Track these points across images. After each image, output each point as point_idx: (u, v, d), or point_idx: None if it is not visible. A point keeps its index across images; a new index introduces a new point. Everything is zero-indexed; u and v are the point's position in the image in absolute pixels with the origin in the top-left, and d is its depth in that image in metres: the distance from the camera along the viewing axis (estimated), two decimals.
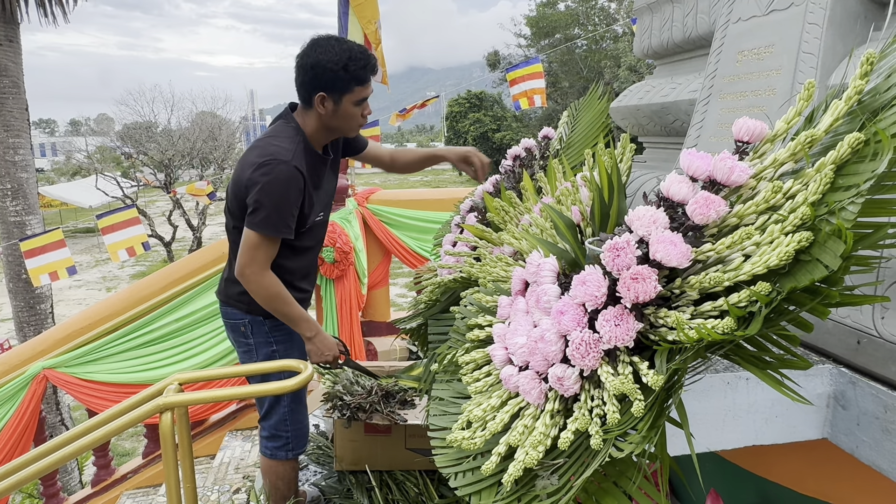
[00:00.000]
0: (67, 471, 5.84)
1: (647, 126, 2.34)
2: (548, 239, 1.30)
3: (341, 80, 1.79)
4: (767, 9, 1.61)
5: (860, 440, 1.13)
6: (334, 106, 1.84)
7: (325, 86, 1.80)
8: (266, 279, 1.87)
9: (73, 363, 3.39)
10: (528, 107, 7.23)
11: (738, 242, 0.86)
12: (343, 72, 1.78)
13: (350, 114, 1.87)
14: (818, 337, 1.27)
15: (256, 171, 1.80)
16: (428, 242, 4.20)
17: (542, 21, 26.44)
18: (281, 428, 2.11)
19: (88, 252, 19.16)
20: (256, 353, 2.06)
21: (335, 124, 1.89)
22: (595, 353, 0.92)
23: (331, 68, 1.77)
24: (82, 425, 1.76)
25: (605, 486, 0.90)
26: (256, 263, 1.85)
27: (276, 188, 1.79)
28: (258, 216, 1.80)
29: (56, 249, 5.22)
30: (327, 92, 1.81)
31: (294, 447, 2.13)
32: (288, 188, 1.80)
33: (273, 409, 2.10)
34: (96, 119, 34.76)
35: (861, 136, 0.82)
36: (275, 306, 1.91)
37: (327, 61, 1.77)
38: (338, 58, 1.77)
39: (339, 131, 1.95)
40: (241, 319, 2.03)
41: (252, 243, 1.84)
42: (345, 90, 1.82)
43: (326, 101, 1.82)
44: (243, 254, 1.85)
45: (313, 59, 1.79)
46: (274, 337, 2.05)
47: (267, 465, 2.19)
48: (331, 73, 1.78)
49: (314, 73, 1.79)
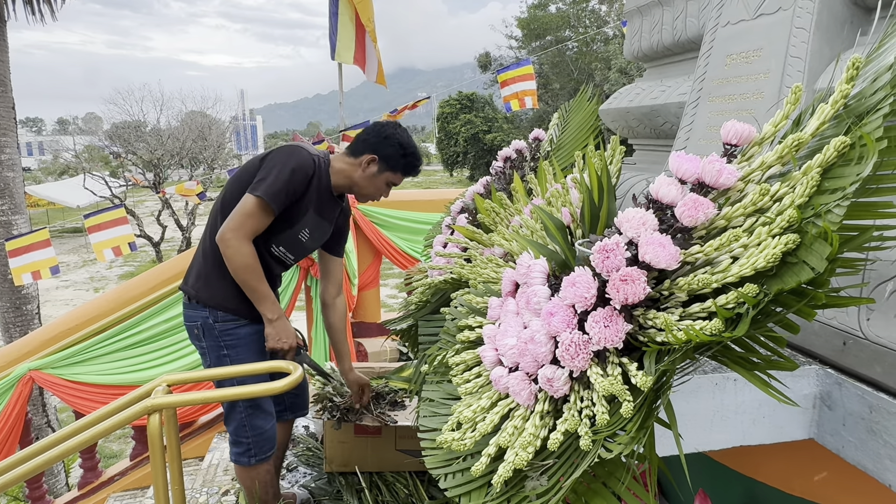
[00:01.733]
0: (54, 473, 5.78)
1: (637, 128, 2.36)
2: (538, 240, 1.31)
3: (397, 160, 2.07)
4: (756, 13, 1.62)
5: (846, 440, 1.14)
6: (375, 172, 2.06)
7: (382, 154, 2.05)
8: (245, 246, 1.92)
9: (59, 364, 3.36)
10: (518, 108, 7.24)
11: (726, 244, 0.87)
12: (402, 157, 2.07)
13: (377, 186, 2.11)
14: (805, 338, 1.28)
15: (278, 149, 1.98)
16: (419, 243, 4.20)
17: (534, 23, 26.51)
18: (241, 434, 2.09)
19: (76, 252, 18.98)
20: (209, 356, 2.07)
21: (360, 183, 2.09)
22: (584, 354, 0.92)
23: (397, 147, 2.06)
24: (69, 427, 1.74)
25: (594, 486, 0.91)
26: (243, 230, 1.91)
27: (286, 161, 1.94)
28: (262, 182, 1.90)
29: (41, 249, 5.17)
30: (380, 159, 2.05)
31: (256, 453, 2.10)
32: (296, 168, 1.94)
33: (230, 415, 2.09)
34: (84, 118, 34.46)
35: (847, 139, 0.82)
36: (245, 277, 1.94)
37: (399, 141, 2.06)
38: (409, 147, 2.09)
39: (356, 189, 2.12)
40: (194, 322, 2.05)
41: (247, 209, 1.90)
42: (391, 168, 2.08)
43: (373, 164, 2.05)
44: (234, 217, 1.91)
45: (392, 132, 2.07)
46: (224, 341, 2.05)
47: (238, 471, 2.18)
48: (395, 149, 2.05)
49: (384, 141, 2.05)
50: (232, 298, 2.03)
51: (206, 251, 2.06)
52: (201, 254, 2.08)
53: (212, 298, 2.02)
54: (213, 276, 2.02)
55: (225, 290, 2.02)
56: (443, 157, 34.79)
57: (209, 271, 2.03)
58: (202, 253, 2.08)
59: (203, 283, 2.03)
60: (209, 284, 2.03)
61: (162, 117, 21.37)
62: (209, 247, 2.03)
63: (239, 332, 2.06)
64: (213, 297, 2.02)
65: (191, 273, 2.09)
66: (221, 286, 2.02)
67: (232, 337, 2.06)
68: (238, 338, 2.06)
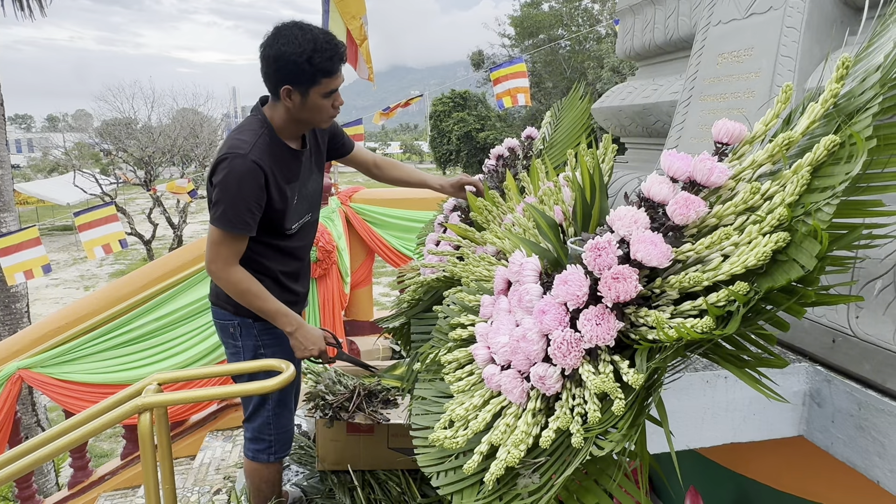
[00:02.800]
0: (43, 473, 5.74)
1: (630, 127, 2.36)
2: (530, 238, 1.31)
3: (306, 72, 1.69)
4: (747, 12, 1.63)
5: (835, 437, 1.15)
6: (301, 99, 1.75)
7: (290, 79, 1.71)
8: (234, 275, 1.82)
9: (49, 363, 3.33)
10: (511, 105, 7.25)
11: (717, 243, 0.87)
12: (307, 64, 1.68)
13: (319, 106, 1.78)
14: (795, 336, 1.29)
15: (218, 166, 1.76)
16: (411, 241, 4.20)
17: (527, 21, 26.51)
18: (265, 431, 2.09)
19: (66, 250, 18.84)
20: (244, 355, 2.03)
21: (304, 116, 1.81)
22: (576, 352, 0.92)
23: (294, 60, 1.67)
24: (59, 426, 1.73)
25: (585, 483, 0.91)
26: (220, 259, 1.80)
27: (231, 182, 1.73)
28: (217, 211, 1.76)
29: (31, 247, 5.13)
30: (293, 85, 1.72)
31: (277, 451, 2.11)
32: (242, 182, 1.73)
33: (257, 412, 2.07)
34: (74, 115, 34.17)
35: (836, 138, 0.83)
36: (247, 301, 1.86)
37: (291, 53, 1.67)
38: (301, 49, 1.67)
39: (309, 123, 1.87)
40: (230, 321, 2.00)
41: (213, 239, 1.80)
42: (312, 83, 1.72)
43: (293, 94, 1.73)
44: (208, 249, 1.82)
45: (276, 50, 1.69)
46: (262, 340, 2.02)
47: (250, 468, 2.17)
48: (295, 65, 1.68)
49: (277, 65, 1.70)
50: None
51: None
52: None
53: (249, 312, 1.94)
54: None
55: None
56: (436, 155, 34.75)
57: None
58: None
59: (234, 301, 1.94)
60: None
61: (153, 114, 21.25)
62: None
63: (278, 330, 1.99)
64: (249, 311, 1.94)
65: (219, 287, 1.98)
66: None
67: (271, 336, 2.01)
68: (277, 336, 2.00)
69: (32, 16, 7.38)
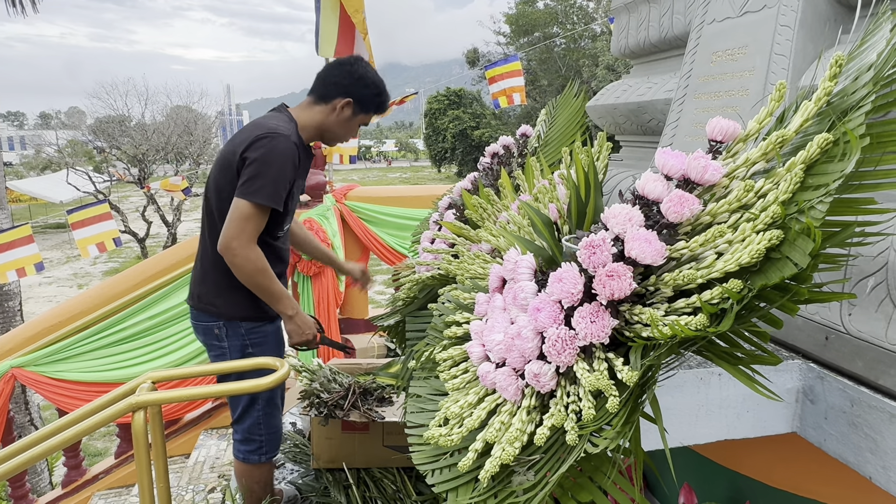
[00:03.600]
0: (37, 472, 5.72)
1: (624, 125, 2.37)
2: (525, 236, 1.31)
3: (371, 101, 1.99)
4: (741, 10, 1.63)
5: (828, 434, 1.16)
6: (349, 116, 1.98)
7: (357, 97, 1.96)
8: (253, 252, 1.84)
9: (42, 362, 3.32)
10: (507, 105, 7.25)
11: (711, 240, 0.87)
12: (377, 97, 2.00)
13: (350, 128, 2.03)
14: (788, 333, 1.29)
15: (256, 142, 1.83)
16: (406, 239, 4.19)
17: (522, 19, 26.51)
18: (255, 431, 2.08)
19: (59, 248, 18.74)
20: (230, 356, 2.03)
21: (334, 129, 2.00)
22: (571, 349, 0.93)
23: (371, 87, 1.98)
24: (52, 425, 1.73)
25: (580, 481, 0.91)
26: (245, 235, 1.81)
27: (275, 158, 1.82)
28: (254, 185, 1.80)
29: (24, 245, 5.10)
30: (355, 103, 1.97)
31: (268, 450, 2.10)
32: (286, 160, 1.84)
33: (247, 413, 2.07)
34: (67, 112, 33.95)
35: (830, 136, 0.83)
36: (258, 281, 1.87)
37: (371, 82, 1.98)
38: (379, 84, 2.01)
39: (329, 136, 2.03)
40: (214, 322, 2.00)
41: (244, 214, 1.80)
42: (365, 110, 2.01)
43: (347, 108, 1.96)
44: (232, 226, 1.81)
45: (363, 71, 1.97)
46: (250, 339, 2.01)
47: (241, 469, 2.16)
48: (369, 90, 1.97)
49: (358, 82, 1.95)
50: (253, 304, 1.98)
51: (215, 263, 1.94)
52: (211, 264, 1.97)
53: (237, 312, 1.96)
54: (230, 286, 1.94)
55: (246, 300, 1.96)
56: (431, 153, 34.73)
57: (225, 284, 1.94)
58: (212, 263, 1.97)
59: (224, 301, 1.96)
60: (231, 300, 1.96)
61: (147, 112, 21.13)
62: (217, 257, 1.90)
63: (265, 329, 2.02)
64: (237, 311, 1.96)
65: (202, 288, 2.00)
66: (241, 297, 1.95)
67: (258, 335, 2.02)
68: (264, 335, 2.03)
69: (24, 12, 7.34)
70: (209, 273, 2.00)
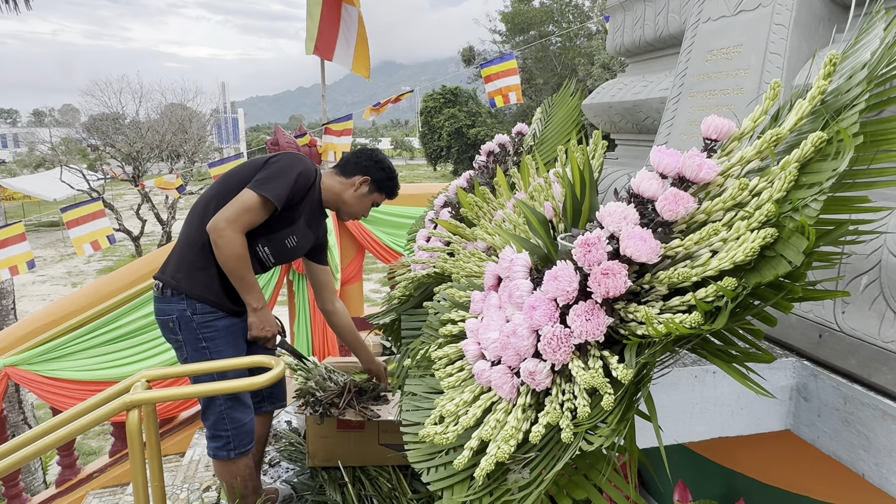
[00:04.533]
0: (31, 471, 5.69)
1: (620, 123, 2.37)
2: (521, 234, 1.31)
3: (385, 183, 2.27)
4: (736, 9, 1.64)
5: (821, 431, 1.16)
6: (364, 192, 2.24)
7: (374, 177, 2.24)
8: (239, 237, 1.96)
9: (36, 360, 3.30)
10: (503, 104, 7.24)
11: (706, 238, 0.87)
12: (390, 181, 2.29)
13: (364, 205, 2.28)
14: (782, 331, 1.30)
15: (282, 156, 2.09)
16: (402, 238, 4.19)
17: (517, 17, 26.50)
18: (220, 427, 2.08)
19: (53, 246, 18.65)
20: (185, 349, 2.06)
21: (348, 201, 2.24)
22: (566, 347, 0.93)
23: (387, 171, 2.27)
24: (46, 423, 1.72)
25: (575, 478, 0.92)
26: (240, 222, 1.95)
27: (292, 168, 2.04)
28: (265, 181, 1.99)
29: (16, 243, 5.08)
30: (372, 182, 2.24)
31: (236, 446, 2.10)
32: (302, 176, 2.06)
33: (209, 408, 2.08)
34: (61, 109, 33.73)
35: (824, 135, 0.84)
36: (234, 265, 1.98)
37: (388, 167, 2.28)
38: (394, 171, 2.31)
39: (344, 208, 2.27)
40: (168, 315, 2.04)
41: (247, 204, 1.96)
42: (379, 190, 2.27)
43: (364, 185, 2.23)
44: (231, 209, 1.95)
45: (381, 157, 2.29)
46: (202, 333, 2.04)
47: (217, 467, 2.16)
48: (384, 173, 2.26)
49: (376, 165, 2.25)
50: (213, 290, 2.03)
51: (190, 242, 2.05)
52: (185, 244, 2.07)
53: (192, 290, 2.01)
54: (196, 266, 2.02)
55: (206, 281, 2.02)
56: (426, 151, 34.70)
57: (192, 262, 2.03)
58: (186, 244, 2.07)
59: (184, 274, 2.03)
60: (191, 275, 2.02)
61: (141, 109, 21.00)
62: (195, 238, 2.03)
63: (217, 324, 2.05)
64: (193, 289, 2.01)
65: (169, 263, 2.08)
66: (203, 277, 2.02)
67: (210, 329, 2.04)
68: (216, 330, 2.05)
69: (17, 9, 7.28)
70: (180, 248, 2.09)
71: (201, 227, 2.02)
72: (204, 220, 2.02)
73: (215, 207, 2.01)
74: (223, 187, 2.07)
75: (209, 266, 2.01)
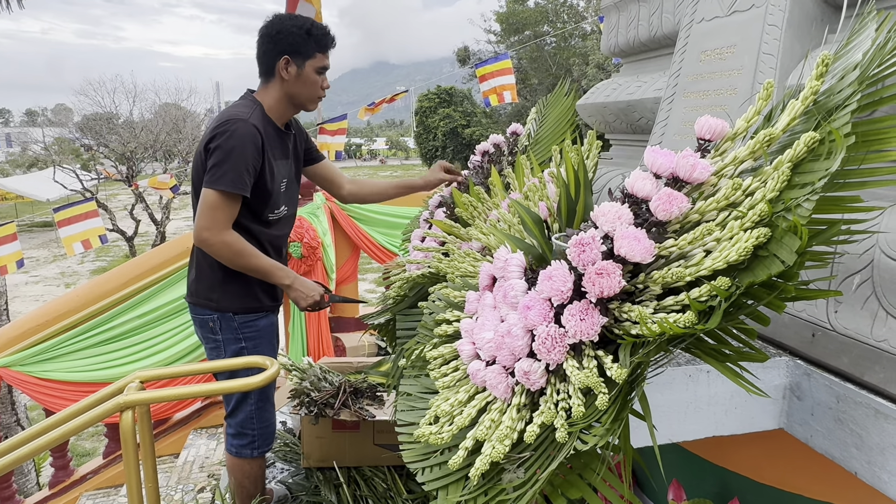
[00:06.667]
0: (24, 472, 5.66)
1: (614, 123, 2.37)
2: (515, 234, 1.31)
3: (305, 43, 1.89)
4: (729, 10, 1.64)
5: (814, 430, 1.17)
6: (297, 70, 1.92)
7: (289, 49, 1.89)
8: (228, 237, 1.85)
9: (29, 361, 3.28)
10: (497, 103, 7.25)
11: (700, 238, 0.88)
12: (307, 35, 1.89)
13: (312, 80, 1.95)
14: (775, 330, 1.30)
15: (215, 133, 1.84)
16: (397, 238, 4.19)
17: (512, 17, 26.51)
18: (247, 426, 2.08)
19: (46, 247, 18.55)
20: (224, 350, 2.03)
21: (296, 90, 1.94)
22: (561, 347, 0.93)
23: (295, 32, 1.88)
24: (39, 425, 1.71)
25: (570, 478, 0.92)
26: (217, 224, 1.83)
27: (233, 143, 1.81)
28: (216, 173, 1.81)
29: (8, 243, 5.05)
30: (291, 56, 1.90)
31: (260, 445, 2.11)
32: (244, 143, 1.82)
33: (240, 407, 2.07)
34: (54, 109, 33.55)
35: (816, 135, 0.84)
36: (242, 262, 1.89)
37: (292, 26, 1.88)
38: (301, 23, 1.90)
39: (299, 100, 1.98)
40: (209, 315, 2.01)
41: (211, 203, 1.82)
42: (308, 55, 1.91)
43: (290, 64, 1.90)
44: (202, 216, 1.83)
45: (278, 25, 1.89)
46: (243, 333, 2.02)
47: (233, 463, 2.16)
48: (295, 36, 1.88)
49: (279, 37, 1.88)
50: (250, 295, 2.00)
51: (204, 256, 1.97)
52: (203, 262, 2.00)
53: (233, 304, 1.98)
54: (225, 281, 1.96)
55: (240, 291, 1.98)
56: (421, 151, 34.67)
57: (217, 278, 1.97)
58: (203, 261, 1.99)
59: (220, 294, 1.98)
60: (225, 292, 1.97)
61: (135, 109, 20.90)
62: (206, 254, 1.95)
63: (259, 323, 2.03)
64: (234, 303, 1.98)
65: (196, 285, 2.02)
66: (236, 288, 1.97)
67: (252, 329, 2.03)
68: (258, 330, 2.04)
69: (10, 8, 7.24)
70: (202, 268, 2.01)
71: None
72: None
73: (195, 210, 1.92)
74: (194, 188, 1.95)
75: (235, 274, 1.94)
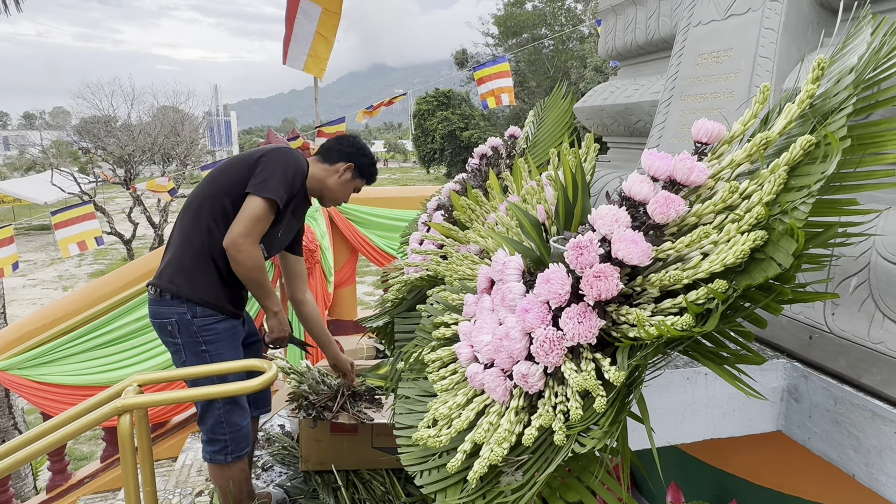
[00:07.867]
0: (21, 476, 5.64)
1: (612, 126, 2.38)
2: (513, 237, 1.31)
3: (367, 169, 2.33)
4: (726, 13, 1.65)
5: (812, 432, 1.17)
6: (347, 178, 2.29)
7: (357, 164, 2.29)
8: (257, 250, 2.00)
9: (26, 365, 3.27)
10: (495, 105, 7.26)
11: (697, 241, 0.88)
12: (371, 166, 2.35)
13: (346, 191, 2.32)
14: (772, 333, 1.31)
15: (270, 150, 2.08)
16: (395, 240, 4.19)
17: (510, 20, 26.57)
18: (217, 431, 2.08)
19: (43, 250, 18.51)
20: (184, 353, 2.04)
21: (332, 188, 2.27)
22: (559, 350, 0.93)
23: (368, 157, 2.34)
24: (37, 429, 1.70)
25: (568, 481, 0.92)
26: (254, 234, 1.97)
27: (287, 162, 2.06)
28: (268, 183, 1.99)
29: (4, 246, 5.04)
30: (355, 168, 2.29)
31: (233, 450, 2.10)
32: (297, 170, 2.09)
33: (207, 412, 2.07)
34: (51, 112, 33.51)
35: (812, 138, 0.84)
36: (256, 277, 2.02)
37: (369, 154, 2.36)
38: (373, 158, 2.38)
39: (329, 193, 2.29)
40: (167, 319, 2.04)
41: (256, 213, 1.97)
42: (361, 176, 2.33)
43: (347, 172, 2.28)
44: (242, 223, 1.95)
45: (362, 144, 2.35)
46: (202, 336, 2.04)
47: (212, 471, 2.16)
48: (366, 159, 2.32)
49: (359, 153, 2.30)
50: (214, 293, 2.04)
51: (187, 246, 2.04)
52: (180, 248, 2.06)
53: (194, 293, 2.01)
54: (196, 270, 2.02)
55: (207, 285, 2.03)
56: (419, 154, 34.72)
57: (190, 266, 2.03)
58: (181, 247, 2.06)
59: (184, 279, 2.02)
60: (191, 279, 2.02)
61: (133, 112, 20.87)
62: (192, 241, 2.03)
63: (218, 326, 2.04)
64: (194, 292, 2.01)
65: (166, 268, 2.07)
66: (204, 281, 2.02)
67: (211, 332, 2.04)
68: (217, 332, 2.05)
69: (7, 11, 7.22)
70: (178, 255, 2.06)
71: (197, 229, 2.01)
72: (198, 222, 2.01)
73: (209, 209, 2.01)
74: (214, 188, 2.05)
75: (209, 270, 2.02)
